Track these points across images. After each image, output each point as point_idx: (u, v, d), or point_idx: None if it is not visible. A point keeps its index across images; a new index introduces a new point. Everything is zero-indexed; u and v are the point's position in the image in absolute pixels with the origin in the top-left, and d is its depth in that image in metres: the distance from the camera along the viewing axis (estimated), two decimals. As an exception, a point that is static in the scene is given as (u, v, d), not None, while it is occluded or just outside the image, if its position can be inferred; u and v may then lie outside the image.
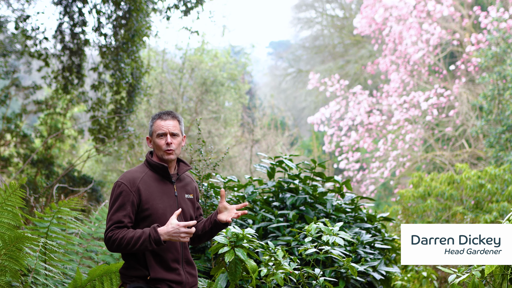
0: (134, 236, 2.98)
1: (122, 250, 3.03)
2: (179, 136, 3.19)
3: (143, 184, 3.10)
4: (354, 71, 24.25)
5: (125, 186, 3.08)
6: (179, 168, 3.25)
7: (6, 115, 12.91)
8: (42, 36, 10.84)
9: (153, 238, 2.96)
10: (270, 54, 43.95)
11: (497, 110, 12.86)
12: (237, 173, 19.18)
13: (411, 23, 16.33)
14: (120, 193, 3.07)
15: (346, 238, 3.93)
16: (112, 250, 3.05)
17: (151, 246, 2.97)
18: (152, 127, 3.20)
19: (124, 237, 2.99)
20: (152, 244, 2.97)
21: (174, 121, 3.19)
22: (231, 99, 20.32)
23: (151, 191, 3.11)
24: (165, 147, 3.14)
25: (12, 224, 3.73)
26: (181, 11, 10.62)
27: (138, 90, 10.53)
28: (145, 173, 3.15)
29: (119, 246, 3.01)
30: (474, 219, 9.03)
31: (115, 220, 3.04)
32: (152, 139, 3.19)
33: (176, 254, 3.12)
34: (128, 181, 3.09)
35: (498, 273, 3.35)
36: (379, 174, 16.74)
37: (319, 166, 5.40)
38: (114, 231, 3.02)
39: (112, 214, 3.06)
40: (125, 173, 3.15)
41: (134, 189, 3.08)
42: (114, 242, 3.01)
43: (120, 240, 2.99)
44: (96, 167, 19.21)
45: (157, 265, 3.06)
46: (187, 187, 3.27)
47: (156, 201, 3.09)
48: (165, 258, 3.08)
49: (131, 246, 2.98)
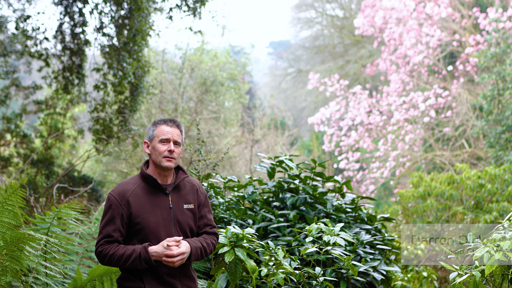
0: (124, 253, 2.96)
1: (112, 265, 3.03)
2: (180, 146, 3.15)
3: (133, 197, 3.04)
4: (354, 71, 24.26)
5: (114, 199, 3.04)
6: (176, 177, 3.17)
7: (6, 115, 12.91)
8: (42, 36, 10.86)
9: (143, 258, 2.95)
10: (270, 54, 43.95)
11: (497, 110, 12.86)
12: (237, 173, 19.18)
13: (411, 25, 16.35)
14: (109, 206, 3.04)
15: (346, 238, 3.93)
16: (103, 264, 3.04)
17: (141, 266, 2.96)
18: (154, 131, 3.12)
19: (115, 254, 2.98)
20: (143, 263, 2.96)
21: (178, 130, 3.15)
22: (231, 99, 20.32)
23: (142, 204, 3.04)
24: (166, 153, 3.07)
25: (13, 224, 3.73)
26: (183, 11, 10.60)
27: (140, 89, 10.54)
28: (137, 185, 3.09)
29: (110, 261, 3.00)
30: (474, 219, 9.04)
31: (105, 234, 3.02)
32: (152, 144, 3.12)
33: (171, 268, 3.04)
34: (118, 194, 3.05)
35: (498, 273, 3.35)
36: (379, 174, 16.74)
37: (319, 166, 5.41)
38: (104, 246, 3.01)
39: (102, 227, 3.05)
40: (117, 185, 3.11)
41: (123, 202, 3.03)
42: (104, 257, 3.00)
43: (111, 256, 2.99)
44: (96, 167, 19.21)
45: (152, 278, 3.02)
46: (187, 196, 3.16)
47: (147, 214, 3.02)
48: (159, 273, 3.03)
49: (122, 263, 2.98)
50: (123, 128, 10.47)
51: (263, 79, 38.30)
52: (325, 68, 25.52)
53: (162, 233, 3.04)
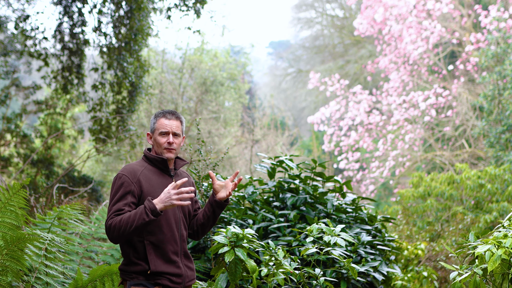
0: (130, 214, 2.98)
1: (122, 233, 2.98)
2: (180, 136, 3.26)
3: (143, 177, 3.13)
4: (354, 71, 24.26)
5: (126, 178, 3.09)
6: (176, 164, 3.30)
7: (6, 115, 12.91)
8: (41, 36, 10.85)
9: (149, 208, 2.95)
10: (270, 54, 43.98)
11: (497, 110, 12.86)
12: (237, 173, 19.13)
13: (411, 22, 16.34)
14: (121, 184, 3.08)
15: (347, 238, 3.93)
16: (113, 237, 3.01)
17: (148, 217, 2.95)
18: (155, 124, 3.24)
19: (122, 218, 2.98)
20: (149, 214, 2.95)
21: (177, 121, 3.25)
22: (231, 99, 20.32)
23: (152, 184, 3.14)
24: (166, 145, 3.19)
25: (14, 224, 3.73)
26: (182, 11, 10.60)
27: (139, 89, 10.54)
28: (144, 167, 3.19)
29: (119, 229, 2.97)
30: (474, 219, 9.04)
31: (115, 209, 3.03)
32: (154, 136, 3.24)
33: (175, 247, 3.13)
34: (129, 172, 3.12)
35: (499, 272, 3.35)
36: (378, 174, 16.74)
37: (319, 166, 5.40)
38: (113, 218, 3.01)
39: (113, 204, 3.06)
40: (125, 166, 3.18)
41: (135, 180, 3.09)
42: (114, 228, 2.98)
43: (119, 222, 2.97)
44: (96, 167, 19.22)
45: (157, 257, 3.06)
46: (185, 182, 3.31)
47: (157, 194, 3.10)
48: (165, 250, 3.09)
49: (130, 224, 2.96)
50: (122, 128, 10.47)
51: (263, 79, 38.32)
52: (325, 68, 25.53)
53: (169, 212, 3.13)
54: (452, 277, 3.42)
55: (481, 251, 3.26)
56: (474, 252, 3.37)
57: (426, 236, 9.00)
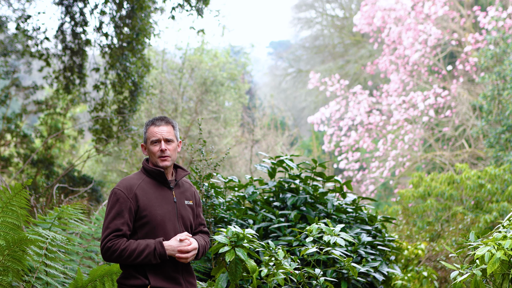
0: (137, 248, 2.91)
1: (121, 261, 2.95)
2: (174, 141, 3.12)
3: (140, 191, 3.02)
4: (354, 71, 24.26)
5: (122, 193, 3.00)
6: (176, 174, 3.17)
7: (6, 115, 12.91)
8: (43, 36, 10.84)
9: (159, 252, 2.92)
10: (270, 54, 43.97)
11: (497, 110, 12.87)
12: (237, 173, 19.19)
13: (409, 24, 16.35)
14: (117, 200, 2.99)
15: (347, 238, 3.94)
16: (110, 260, 2.96)
17: (155, 260, 2.92)
18: (146, 134, 3.12)
19: (126, 248, 2.91)
20: (157, 258, 2.92)
21: (168, 126, 3.11)
22: (231, 99, 20.32)
23: (149, 198, 3.03)
24: (159, 154, 3.06)
25: (16, 224, 3.73)
26: (186, 10, 10.59)
27: (140, 89, 10.54)
28: (142, 179, 3.08)
29: (120, 257, 2.92)
30: (474, 219, 9.04)
31: (113, 228, 2.95)
32: (147, 146, 3.11)
33: (175, 264, 3.05)
34: (124, 187, 3.02)
35: (499, 272, 3.35)
36: (378, 174, 16.74)
37: (319, 166, 5.41)
38: (113, 241, 2.93)
39: (109, 222, 2.97)
40: (122, 180, 3.08)
41: (131, 195, 3.00)
42: (114, 253, 2.92)
43: (122, 251, 2.91)
44: (96, 167, 19.22)
45: (157, 274, 2.99)
46: (186, 193, 3.19)
47: (154, 208, 3.01)
48: (165, 267, 3.01)
49: (133, 258, 2.91)
50: (123, 128, 10.47)
51: (263, 79, 38.31)
52: (325, 68, 25.53)
53: (168, 226, 3.04)
54: (452, 277, 3.42)
55: (480, 253, 3.26)
56: (474, 253, 3.37)
57: (426, 236, 9.00)
